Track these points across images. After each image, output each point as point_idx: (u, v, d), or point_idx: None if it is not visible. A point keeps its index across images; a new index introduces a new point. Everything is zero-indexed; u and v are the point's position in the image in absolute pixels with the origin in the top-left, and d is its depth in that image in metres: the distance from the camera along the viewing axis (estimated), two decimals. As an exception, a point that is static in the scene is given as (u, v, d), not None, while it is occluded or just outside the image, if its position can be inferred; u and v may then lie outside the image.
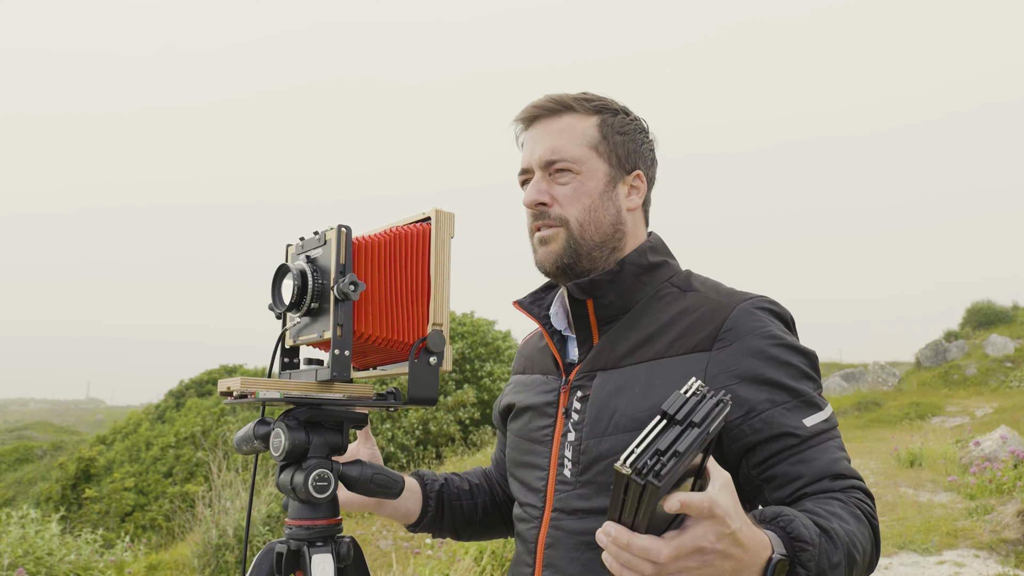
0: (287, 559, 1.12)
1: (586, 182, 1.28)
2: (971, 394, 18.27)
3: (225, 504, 7.11)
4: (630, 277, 1.28)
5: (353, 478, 1.15)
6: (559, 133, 1.29)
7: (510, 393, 1.46)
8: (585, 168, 1.28)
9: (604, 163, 1.29)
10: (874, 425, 15.26)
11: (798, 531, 0.94)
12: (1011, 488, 7.02)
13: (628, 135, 1.32)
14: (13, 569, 6.09)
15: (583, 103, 1.31)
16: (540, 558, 1.25)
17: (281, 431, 1.12)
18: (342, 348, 1.07)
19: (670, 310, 1.25)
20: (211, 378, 23.79)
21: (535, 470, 1.30)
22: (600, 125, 1.30)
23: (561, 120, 1.30)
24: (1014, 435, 8.87)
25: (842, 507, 1.05)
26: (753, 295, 1.24)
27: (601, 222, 1.28)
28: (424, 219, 1.19)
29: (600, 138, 1.30)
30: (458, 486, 1.52)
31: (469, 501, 1.52)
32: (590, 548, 1.18)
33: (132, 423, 24.44)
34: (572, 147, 1.28)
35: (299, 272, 1.09)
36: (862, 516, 1.06)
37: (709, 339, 1.18)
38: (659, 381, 1.19)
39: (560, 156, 1.27)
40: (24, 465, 29.19)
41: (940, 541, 6.09)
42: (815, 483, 1.10)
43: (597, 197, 1.28)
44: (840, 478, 1.11)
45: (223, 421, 16.23)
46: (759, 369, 1.15)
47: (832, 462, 1.11)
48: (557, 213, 1.27)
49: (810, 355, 1.20)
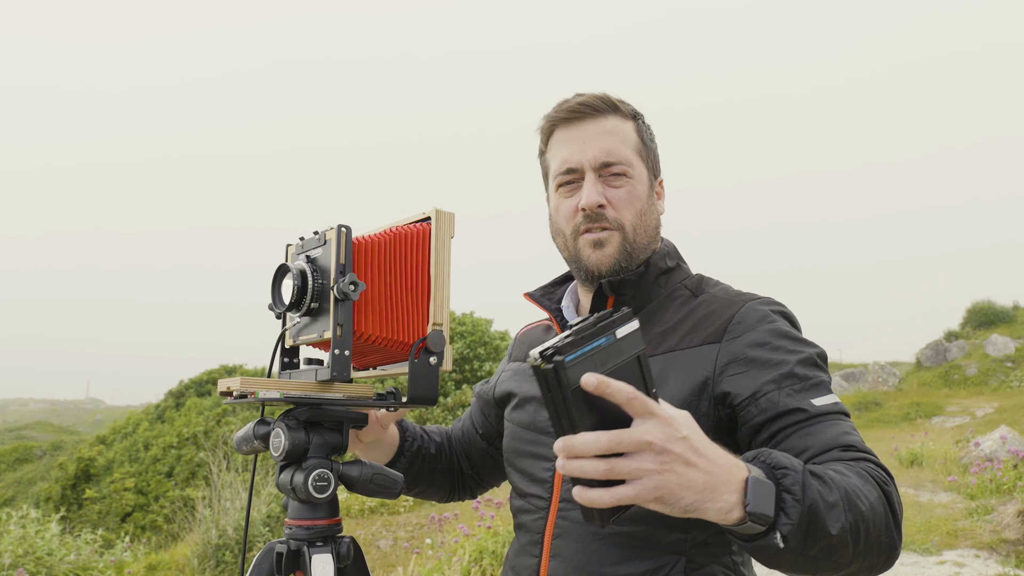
0: (287, 559, 1.12)
1: (637, 186, 1.29)
2: (971, 394, 18.27)
3: (225, 504, 7.11)
4: (651, 279, 1.30)
5: (353, 478, 1.15)
6: (610, 135, 1.28)
7: (509, 380, 1.45)
8: (636, 172, 1.29)
9: (645, 168, 1.32)
10: (874, 425, 15.26)
11: (777, 459, 0.90)
12: (1011, 488, 7.02)
13: (654, 141, 1.36)
14: (13, 569, 6.09)
15: (624, 105, 1.32)
16: (547, 548, 1.24)
17: (281, 431, 1.12)
18: (342, 348, 1.07)
19: (682, 310, 1.28)
20: (211, 378, 23.79)
21: (541, 461, 1.30)
22: (638, 130, 1.32)
23: (608, 121, 1.29)
24: (1014, 435, 8.87)
25: (845, 467, 1.00)
26: (762, 296, 1.27)
27: (648, 226, 1.30)
28: (424, 219, 1.19)
29: (641, 143, 1.32)
30: (427, 449, 1.53)
31: (430, 465, 1.53)
32: (598, 539, 1.19)
33: (132, 423, 24.45)
34: (624, 150, 1.29)
35: (299, 272, 1.08)
36: (869, 477, 0.99)
37: (719, 332, 1.20)
38: (671, 374, 1.20)
39: (616, 159, 1.27)
40: (24, 465, 29.20)
41: (940, 541, 6.09)
42: (822, 454, 1.05)
43: (645, 202, 1.30)
44: (850, 449, 1.06)
45: (224, 421, 16.24)
46: (766, 355, 1.16)
47: (842, 434, 1.08)
48: (613, 216, 1.27)
49: (819, 349, 1.21)
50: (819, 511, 0.88)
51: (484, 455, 1.58)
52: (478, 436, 1.58)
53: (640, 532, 1.16)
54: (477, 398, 1.60)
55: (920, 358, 22.56)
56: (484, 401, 1.56)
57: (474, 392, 1.61)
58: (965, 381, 19.77)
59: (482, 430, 1.57)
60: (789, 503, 0.87)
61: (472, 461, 1.60)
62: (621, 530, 1.17)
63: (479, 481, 1.62)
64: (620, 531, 1.17)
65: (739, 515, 0.84)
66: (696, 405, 1.17)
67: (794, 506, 0.87)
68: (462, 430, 1.62)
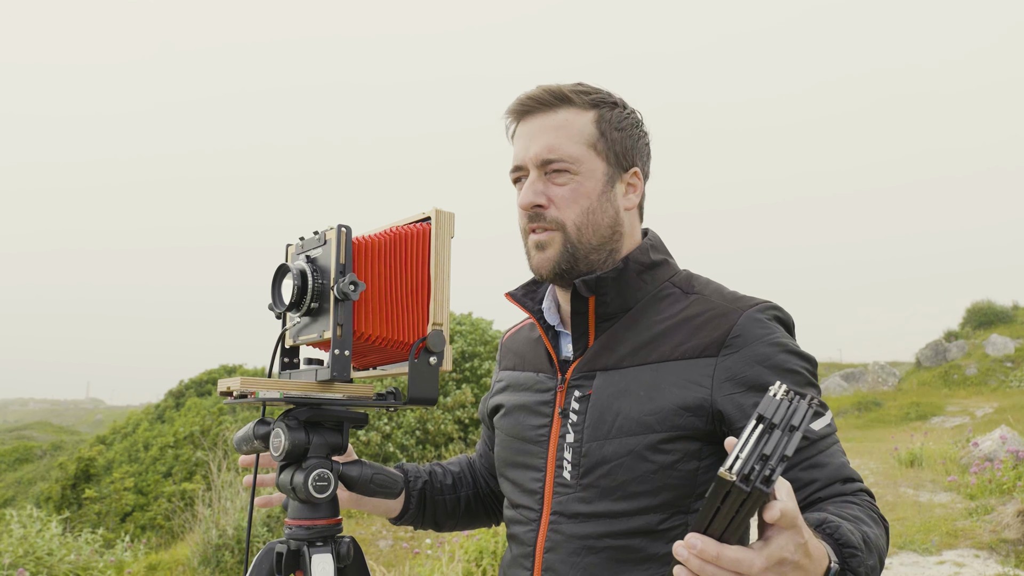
0: (287, 559, 1.12)
1: (584, 183, 1.23)
2: (971, 394, 18.26)
3: (225, 504, 7.10)
4: (632, 275, 1.25)
5: (353, 478, 1.15)
6: (556, 130, 1.23)
7: (499, 392, 1.43)
8: (583, 168, 1.23)
9: (602, 162, 1.24)
10: (874, 425, 15.26)
11: (846, 538, 0.95)
12: (1011, 488, 7.02)
13: (625, 130, 1.27)
14: (14, 569, 6.09)
15: (580, 96, 1.25)
16: (539, 562, 1.22)
17: (281, 431, 1.12)
18: (342, 348, 1.07)
19: (672, 311, 1.23)
20: (211, 378, 23.76)
21: (530, 471, 1.27)
22: (598, 121, 1.25)
23: (557, 115, 1.24)
24: (1014, 435, 8.87)
25: (861, 511, 1.07)
26: (758, 300, 1.22)
27: (599, 224, 1.24)
28: (424, 219, 1.19)
29: (598, 135, 1.24)
30: (441, 480, 1.51)
31: (451, 495, 1.51)
32: (591, 552, 1.17)
33: (131, 423, 24.43)
34: (570, 145, 1.22)
35: (299, 272, 1.08)
36: (878, 520, 1.08)
37: (716, 345, 1.17)
38: (664, 384, 1.17)
39: (557, 155, 1.22)
40: (24, 465, 29.18)
41: (940, 541, 6.09)
42: (828, 487, 1.11)
43: (595, 199, 1.23)
44: (849, 482, 1.12)
45: (223, 421, 16.23)
46: (766, 377, 1.14)
47: (841, 466, 1.13)
48: (553, 216, 1.23)
49: (812, 361, 1.20)
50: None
51: None
52: (492, 453, 1.54)
53: (635, 545, 1.15)
54: (481, 418, 1.56)
55: (920, 358, 22.54)
56: (484, 419, 1.53)
57: (478, 414, 1.58)
58: (965, 381, 19.75)
59: (492, 446, 1.53)
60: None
61: (490, 482, 1.57)
62: (616, 544, 1.16)
63: None
64: (614, 545, 1.16)
65: None
66: (689, 421, 1.14)
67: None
68: (480, 454, 1.60)
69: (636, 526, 1.15)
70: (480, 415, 1.55)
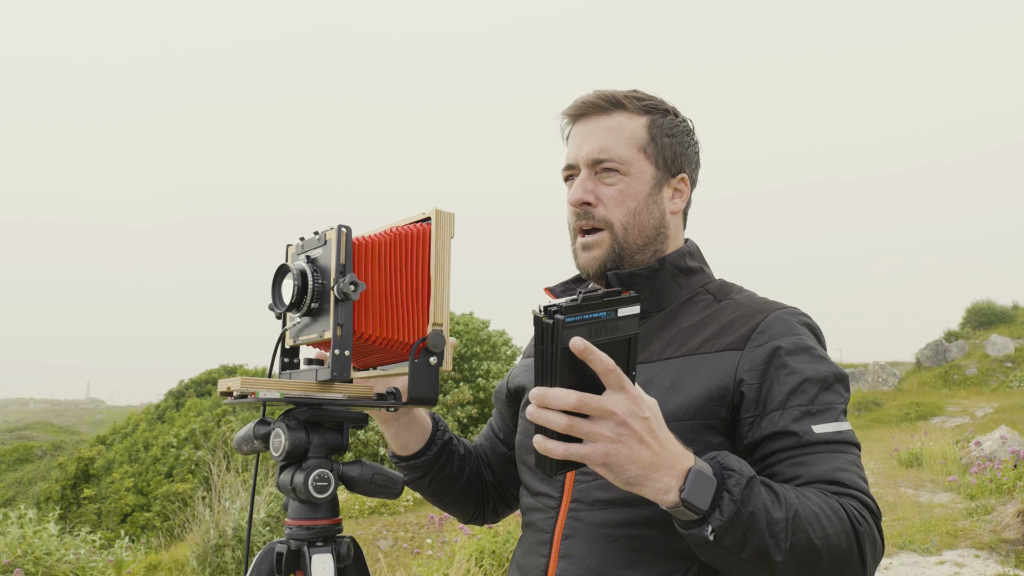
0: (287, 559, 1.12)
1: (632, 184, 1.27)
2: (971, 394, 18.27)
3: (225, 504, 7.11)
4: (668, 277, 1.29)
5: (353, 478, 1.15)
6: (608, 132, 1.28)
7: (523, 374, 1.44)
8: (632, 170, 1.27)
9: (651, 165, 1.29)
10: (874, 425, 15.28)
11: (729, 462, 0.97)
12: (1011, 488, 7.02)
13: (676, 137, 1.32)
14: (11, 569, 6.08)
15: (634, 101, 1.29)
16: (556, 549, 1.23)
17: (281, 431, 1.12)
18: (342, 348, 1.07)
19: (704, 314, 1.25)
20: (211, 378, 23.78)
21: None
22: (649, 126, 1.29)
23: (611, 118, 1.29)
24: (1014, 435, 8.88)
25: (817, 495, 1.02)
26: (789, 306, 1.25)
27: (645, 225, 1.28)
28: (424, 219, 1.19)
29: (648, 139, 1.29)
30: (457, 446, 1.51)
31: (460, 464, 1.50)
32: (610, 540, 1.17)
33: (131, 423, 24.44)
34: (620, 147, 1.27)
35: (299, 272, 1.08)
36: (843, 514, 1.01)
37: (742, 339, 1.18)
38: (689, 376, 1.19)
39: (608, 156, 1.26)
40: (24, 465, 29.19)
41: (940, 541, 6.09)
42: (806, 487, 1.06)
43: (642, 200, 1.27)
44: (836, 484, 1.06)
45: (223, 421, 16.23)
46: (783, 372, 1.14)
47: (835, 470, 1.07)
48: (602, 214, 1.26)
49: (839, 372, 1.18)
50: (759, 521, 0.94)
51: (505, 462, 1.53)
52: (499, 442, 1.55)
53: (652, 536, 1.15)
54: (496, 402, 1.57)
55: (920, 358, 22.56)
56: (500, 400, 1.54)
57: (493, 398, 1.59)
58: (965, 381, 19.76)
59: (503, 435, 1.54)
60: (726, 501, 0.93)
61: (493, 469, 1.56)
62: (633, 533, 1.16)
63: (500, 493, 1.56)
64: (632, 534, 1.16)
65: (674, 499, 0.92)
66: (713, 410, 1.15)
67: (730, 505, 0.93)
68: (483, 438, 1.60)
69: (655, 517, 1.15)
70: (496, 397, 1.56)
